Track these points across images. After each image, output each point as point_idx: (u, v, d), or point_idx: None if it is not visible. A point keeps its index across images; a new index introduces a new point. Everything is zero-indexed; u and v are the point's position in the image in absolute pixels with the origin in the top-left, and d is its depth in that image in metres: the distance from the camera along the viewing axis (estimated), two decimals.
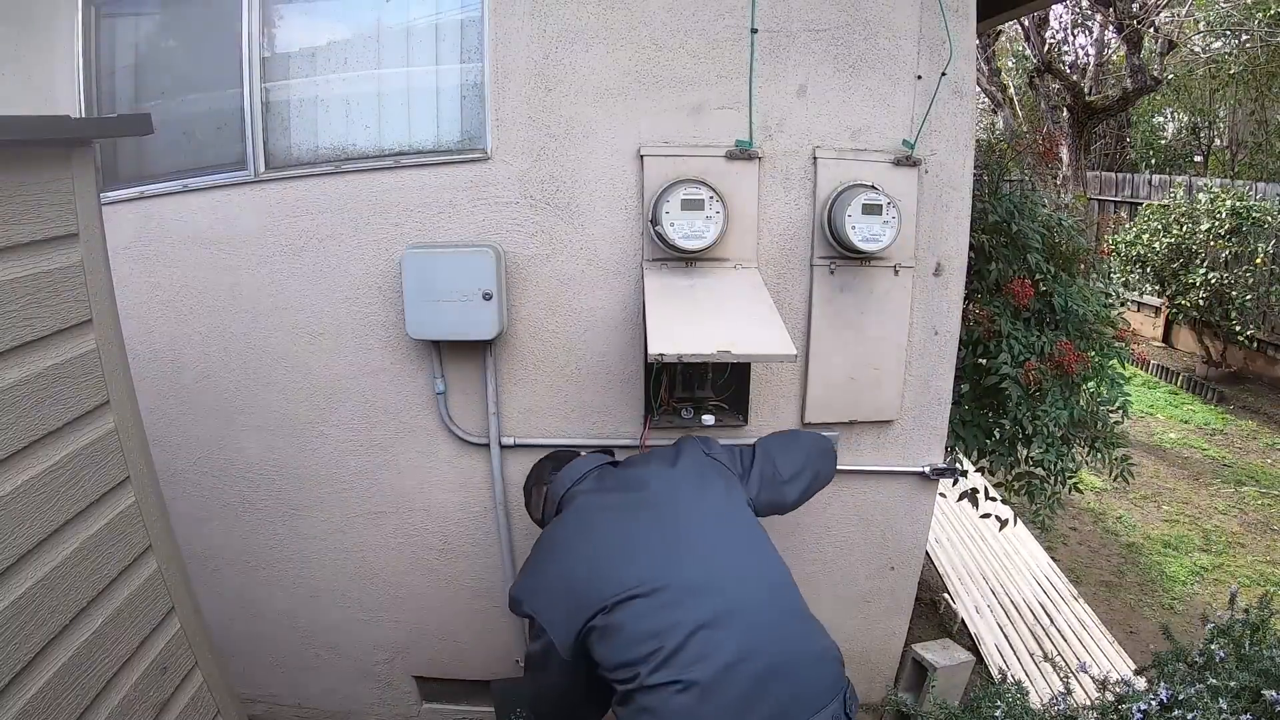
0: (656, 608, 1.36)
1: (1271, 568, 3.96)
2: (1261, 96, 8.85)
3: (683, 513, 1.53)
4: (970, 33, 2.03)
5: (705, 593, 1.38)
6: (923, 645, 2.74)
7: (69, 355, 1.28)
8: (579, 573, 1.45)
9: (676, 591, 1.37)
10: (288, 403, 2.27)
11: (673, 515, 1.52)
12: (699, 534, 1.50)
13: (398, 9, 2.07)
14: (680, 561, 1.43)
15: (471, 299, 2.02)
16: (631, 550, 1.45)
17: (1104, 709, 1.84)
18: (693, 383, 2.20)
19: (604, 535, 1.50)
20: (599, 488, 1.64)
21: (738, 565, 1.46)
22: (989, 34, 7.63)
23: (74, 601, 1.28)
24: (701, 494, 1.59)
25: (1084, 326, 2.37)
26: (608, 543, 1.48)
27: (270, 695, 2.65)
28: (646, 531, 1.49)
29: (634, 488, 1.61)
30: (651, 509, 1.54)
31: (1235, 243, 5.98)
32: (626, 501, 1.57)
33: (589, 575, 1.44)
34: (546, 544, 1.58)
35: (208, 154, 2.17)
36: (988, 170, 2.56)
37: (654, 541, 1.47)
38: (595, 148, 2.04)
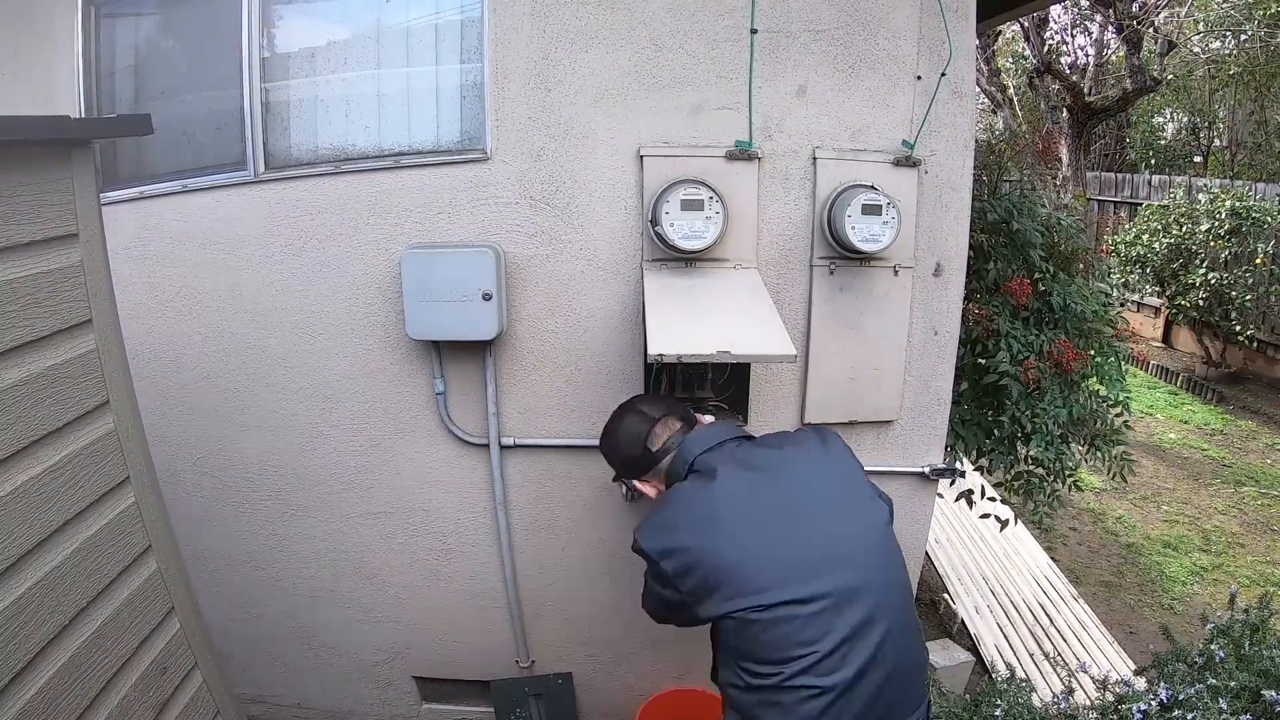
0: (814, 614, 1.34)
1: (1271, 568, 3.96)
2: (1261, 97, 8.86)
3: (839, 512, 1.47)
4: (970, 33, 2.03)
5: (858, 600, 1.37)
6: None
7: (69, 355, 1.28)
8: (728, 555, 1.38)
9: (835, 599, 1.36)
10: (288, 403, 2.27)
11: (829, 513, 1.45)
12: (851, 534, 1.44)
13: (397, 9, 2.07)
14: (835, 568, 1.38)
15: (471, 299, 2.02)
16: (792, 549, 1.39)
17: (1104, 709, 1.84)
18: (692, 383, 2.20)
19: (758, 524, 1.41)
20: (742, 464, 1.50)
21: (883, 569, 1.44)
22: (989, 34, 7.64)
23: (74, 601, 1.28)
24: (848, 491, 1.52)
25: (1083, 325, 2.37)
26: (764, 534, 1.40)
27: (270, 695, 2.65)
28: (806, 530, 1.41)
29: (783, 477, 1.49)
30: (803, 505, 1.45)
31: (1235, 243, 5.99)
32: (779, 493, 1.46)
33: (740, 561, 1.37)
34: (684, 505, 1.48)
35: (208, 154, 2.17)
36: (987, 170, 2.56)
37: (813, 542, 1.40)
38: (595, 148, 2.04)
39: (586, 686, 2.56)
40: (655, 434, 1.60)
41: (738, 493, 1.43)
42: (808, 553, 1.38)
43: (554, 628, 2.47)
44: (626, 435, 1.63)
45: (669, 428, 1.61)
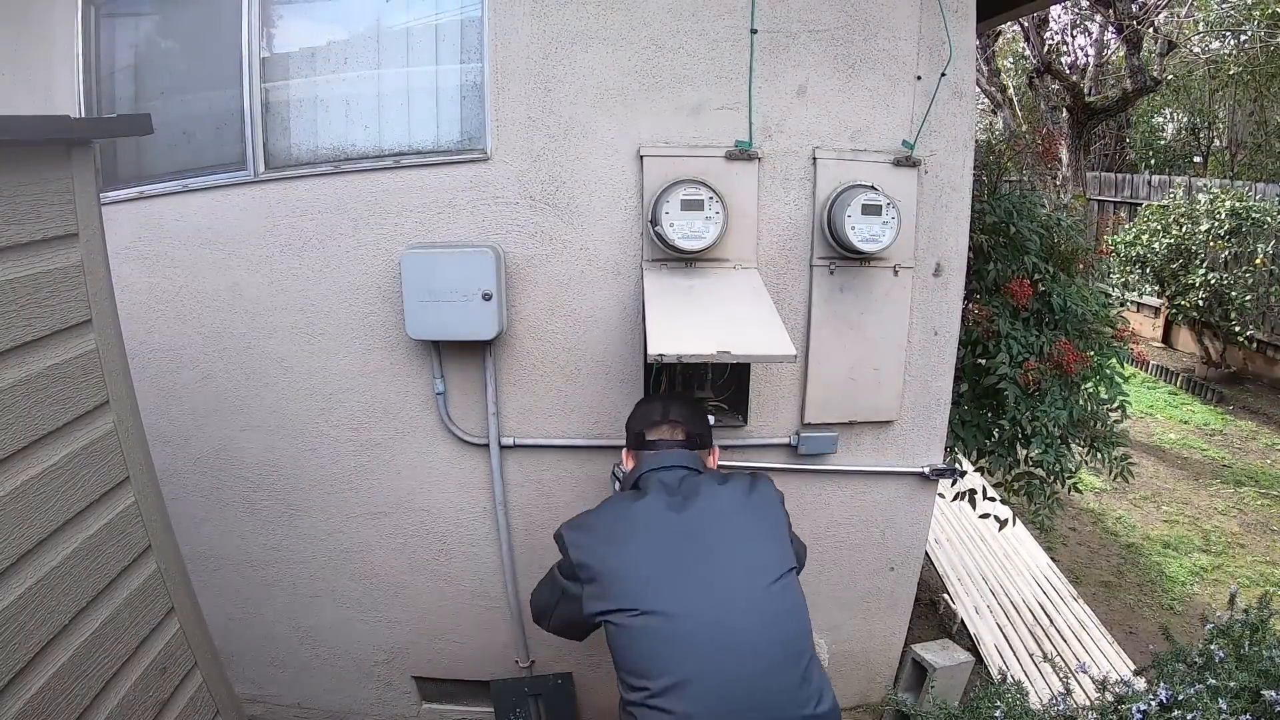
0: (678, 636, 1.39)
1: (1271, 568, 3.96)
2: (1261, 97, 8.86)
3: (730, 554, 1.49)
4: (970, 33, 2.03)
5: (722, 639, 1.40)
6: (922, 645, 2.74)
7: (69, 355, 1.28)
8: (622, 561, 1.47)
9: (699, 630, 1.40)
10: (288, 403, 2.27)
11: (721, 552, 1.49)
12: (733, 576, 1.46)
13: (397, 9, 2.07)
14: (707, 602, 1.43)
15: (471, 299, 2.02)
16: (673, 572, 1.45)
17: (1103, 709, 1.84)
18: (692, 383, 2.20)
19: (655, 543, 1.49)
20: (668, 490, 1.58)
21: (761, 619, 1.43)
22: (989, 34, 7.64)
23: (74, 601, 1.28)
24: (748, 537, 1.54)
25: (1083, 326, 2.37)
26: (655, 553, 1.47)
27: (270, 695, 2.65)
28: (691, 560, 1.47)
29: (693, 506, 1.55)
30: (699, 538, 1.50)
31: (1235, 243, 5.99)
32: (683, 522, 1.52)
33: (628, 569, 1.46)
34: (609, 513, 1.58)
35: (208, 154, 2.17)
36: (987, 170, 2.56)
37: (696, 572, 1.45)
38: (595, 148, 2.04)
39: (586, 686, 2.56)
40: (657, 428, 1.68)
41: (652, 512, 1.52)
42: (686, 580, 1.44)
43: None
44: (643, 412, 1.73)
45: (668, 434, 1.67)
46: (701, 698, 1.36)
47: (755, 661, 1.38)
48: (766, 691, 1.38)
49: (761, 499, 1.57)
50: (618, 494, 1.69)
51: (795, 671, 1.40)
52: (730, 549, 1.48)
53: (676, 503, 1.54)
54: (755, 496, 1.57)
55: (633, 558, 1.47)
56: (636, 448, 1.69)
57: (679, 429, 1.68)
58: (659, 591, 1.42)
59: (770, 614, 1.43)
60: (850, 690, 2.63)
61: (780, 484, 2.29)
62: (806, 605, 1.50)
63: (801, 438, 2.24)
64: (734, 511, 1.54)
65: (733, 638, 1.39)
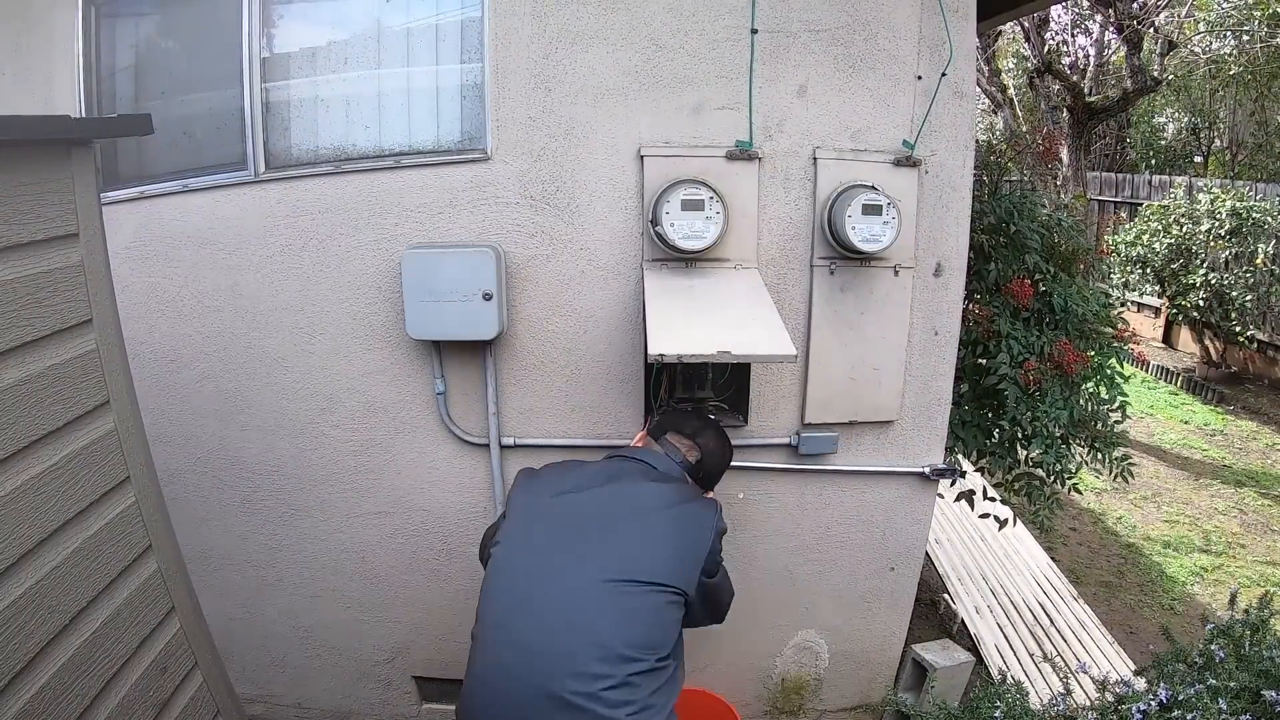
0: (508, 588, 1.50)
1: (1271, 568, 3.96)
2: (1261, 97, 8.85)
3: (615, 543, 1.50)
4: (970, 33, 2.03)
5: (516, 640, 1.44)
6: (923, 645, 2.74)
7: (69, 355, 1.28)
8: (514, 513, 1.61)
9: (529, 587, 1.47)
10: (288, 403, 2.27)
11: (606, 539, 1.50)
12: (599, 563, 1.47)
13: (398, 9, 2.07)
14: (558, 567, 1.47)
15: (471, 299, 2.02)
16: (551, 531, 1.54)
17: (1104, 709, 1.84)
18: (693, 383, 2.20)
19: (557, 507, 1.58)
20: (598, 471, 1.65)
21: (562, 634, 1.41)
22: (989, 34, 7.63)
23: (74, 601, 1.28)
24: (650, 539, 1.52)
25: (1083, 326, 2.37)
26: (549, 513, 1.57)
27: (270, 695, 2.65)
28: (575, 529, 1.53)
29: (615, 491, 1.59)
30: (596, 518, 1.54)
31: (1235, 243, 5.99)
32: (596, 499, 1.58)
33: (519, 521, 1.58)
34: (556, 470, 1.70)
35: (208, 154, 2.17)
36: (987, 170, 2.56)
37: (565, 539, 1.51)
38: (595, 148, 2.04)
39: None
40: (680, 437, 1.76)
41: (580, 478, 1.64)
42: (554, 543, 1.51)
43: None
44: (681, 419, 1.83)
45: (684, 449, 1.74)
46: (495, 646, 1.44)
47: (555, 637, 1.39)
48: (551, 664, 1.37)
49: (688, 516, 1.55)
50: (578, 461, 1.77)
51: (603, 666, 1.35)
52: (612, 536, 1.50)
53: (609, 477, 1.62)
54: (683, 509, 1.56)
55: (527, 509, 1.59)
56: (653, 435, 1.77)
57: (695, 452, 1.74)
58: (525, 544, 1.52)
59: (607, 607, 1.41)
60: (850, 690, 2.63)
61: (781, 484, 2.31)
62: (670, 628, 1.46)
63: (802, 438, 2.23)
64: (646, 510, 1.54)
65: (551, 607, 1.42)
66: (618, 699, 1.33)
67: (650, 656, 1.39)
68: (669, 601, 1.46)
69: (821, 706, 2.63)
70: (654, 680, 1.39)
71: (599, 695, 1.33)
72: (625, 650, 1.37)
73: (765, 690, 2.59)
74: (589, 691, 1.33)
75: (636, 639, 1.39)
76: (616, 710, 1.32)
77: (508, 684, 1.40)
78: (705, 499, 1.64)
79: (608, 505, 1.55)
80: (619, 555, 1.46)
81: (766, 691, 2.59)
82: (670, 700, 1.42)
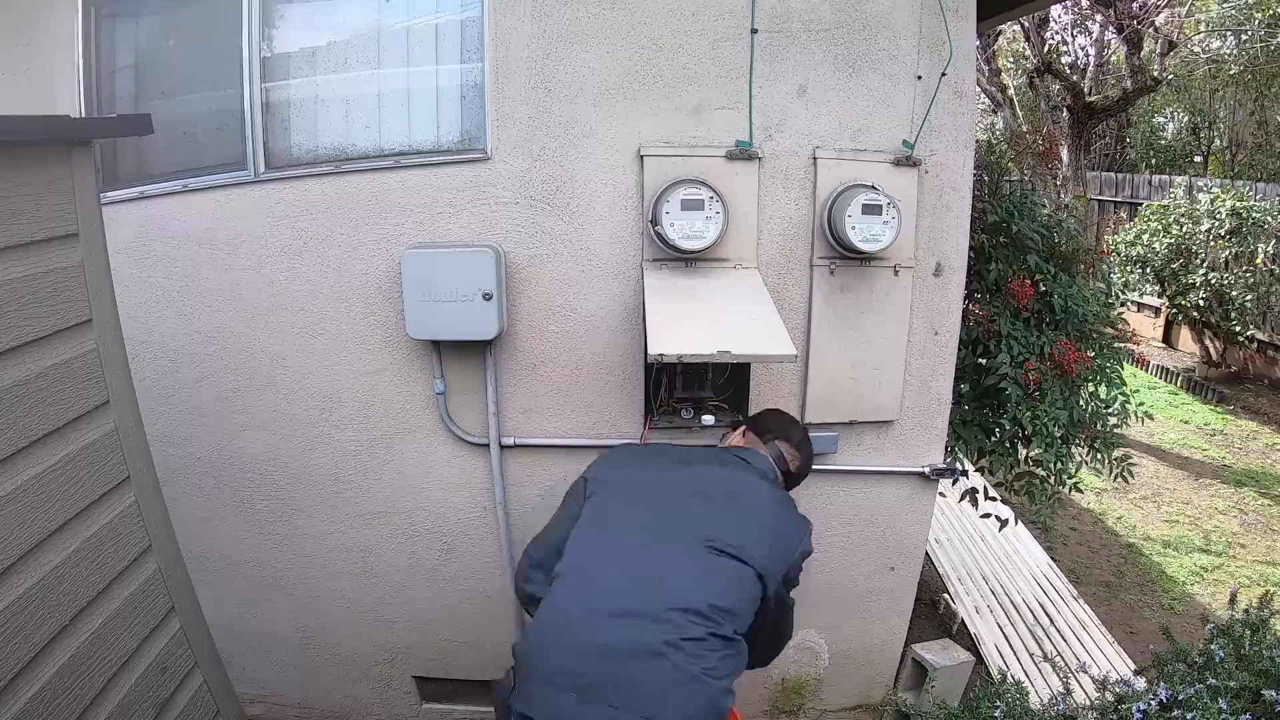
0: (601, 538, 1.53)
1: (1271, 568, 3.96)
2: (1261, 97, 8.84)
3: (708, 518, 1.53)
4: (970, 33, 2.03)
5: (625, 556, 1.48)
6: (923, 645, 2.74)
7: (69, 355, 1.28)
8: (620, 476, 1.68)
9: (616, 543, 1.51)
10: (288, 403, 2.27)
11: (699, 513, 1.54)
12: (690, 529, 1.51)
13: (398, 9, 2.07)
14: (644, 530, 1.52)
15: (471, 299, 2.02)
16: (649, 493, 1.60)
17: (1104, 709, 1.84)
18: (693, 383, 2.20)
19: (658, 476, 1.65)
20: (716, 458, 1.72)
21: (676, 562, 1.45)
22: (989, 34, 7.63)
23: (74, 601, 1.28)
24: (744, 524, 1.54)
25: (1084, 327, 2.37)
26: (650, 480, 1.64)
27: (270, 695, 2.65)
28: (670, 497, 1.58)
29: (720, 475, 1.65)
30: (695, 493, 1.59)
31: (1235, 243, 5.98)
32: (699, 475, 1.64)
33: (619, 482, 1.65)
34: (652, 448, 1.86)
35: (208, 154, 2.17)
36: (988, 170, 2.56)
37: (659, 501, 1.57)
38: (595, 148, 2.04)
39: None
40: (788, 444, 1.79)
41: (673, 456, 1.72)
42: (634, 510, 1.57)
43: None
44: (790, 424, 1.85)
45: (788, 455, 1.78)
46: (581, 582, 1.45)
47: (645, 584, 1.41)
48: (637, 605, 1.38)
49: (788, 519, 1.62)
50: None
51: (687, 619, 1.36)
52: (719, 509, 1.54)
53: (718, 462, 1.68)
54: (785, 510, 1.62)
55: (633, 469, 1.67)
56: (759, 436, 1.79)
57: (797, 461, 1.78)
58: (630, 495, 1.58)
59: (704, 568, 1.44)
60: (850, 690, 2.63)
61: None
62: (749, 607, 1.47)
63: None
64: (752, 498, 1.59)
65: (647, 554, 1.46)
66: (695, 652, 1.35)
67: (730, 625, 1.42)
68: (755, 584, 1.48)
69: (821, 706, 2.63)
70: (728, 648, 1.41)
71: (679, 644, 1.34)
72: (710, 611, 1.39)
73: (765, 690, 2.59)
74: (670, 639, 1.34)
75: (723, 604, 1.42)
76: (693, 662, 1.34)
77: (587, 619, 1.39)
78: (802, 516, 1.67)
79: (716, 484, 1.61)
80: (724, 527, 1.50)
81: (766, 691, 2.59)
82: (734, 675, 1.44)
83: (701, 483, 1.60)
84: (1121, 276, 6.66)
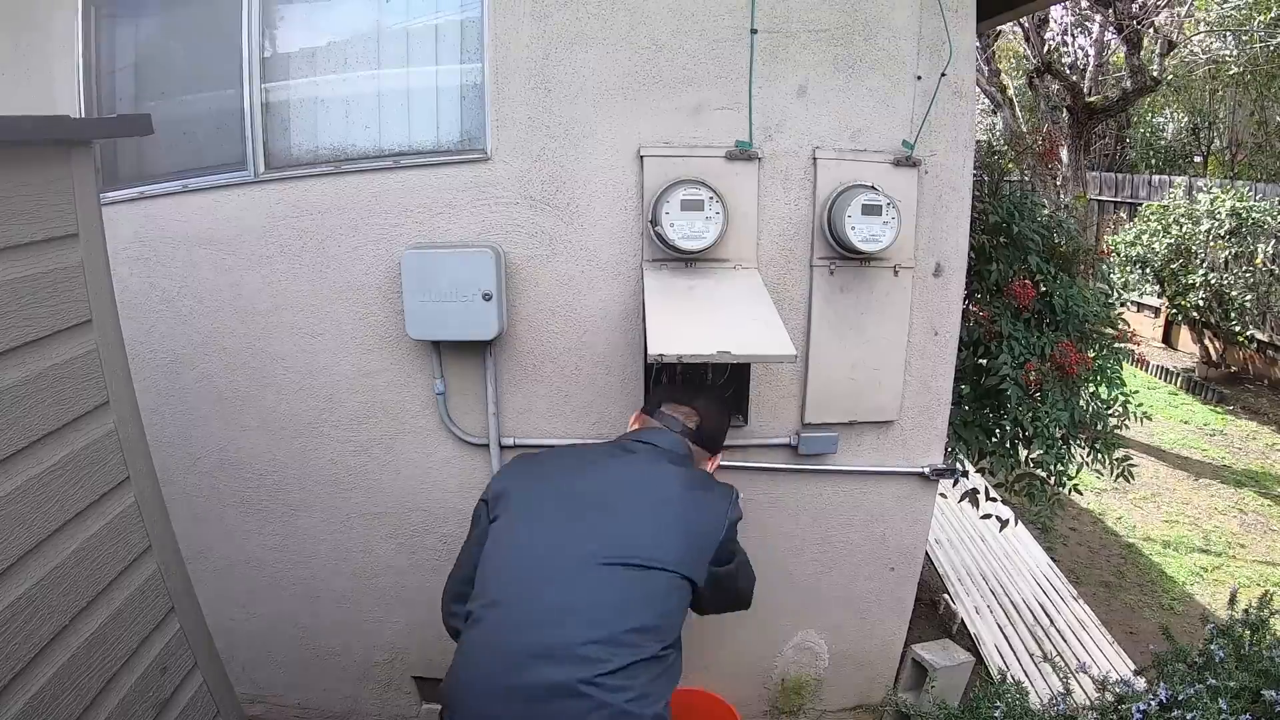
0: (510, 561, 1.46)
1: (1271, 567, 3.96)
2: (1261, 97, 8.84)
3: (618, 523, 1.47)
4: (970, 33, 2.03)
5: (538, 579, 1.42)
6: (923, 646, 2.73)
7: (69, 355, 1.28)
8: (521, 490, 1.57)
9: (529, 563, 1.44)
10: (288, 403, 2.27)
11: (611, 517, 1.47)
12: (600, 542, 1.43)
13: (397, 9, 2.07)
14: (558, 544, 1.45)
15: (471, 299, 2.02)
16: (554, 508, 1.50)
17: (1104, 709, 1.84)
18: (693, 383, 2.20)
19: (560, 482, 1.56)
20: (617, 450, 1.63)
21: (590, 585, 1.39)
22: (989, 34, 7.63)
23: (74, 601, 1.28)
24: (657, 521, 1.48)
25: (1084, 327, 2.37)
26: (552, 490, 1.55)
27: (270, 695, 2.65)
28: (576, 507, 1.50)
29: (621, 468, 1.57)
30: (602, 496, 1.51)
31: (1235, 243, 5.98)
32: (602, 475, 1.57)
33: (520, 499, 1.54)
34: (552, 455, 1.70)
35: (208, 154, 2.17)
36: (988, 171, 2.56)
37: (564, 516, 1.48)
38: (595, 148, 2.04)
39: None
40: (676, 407, 1.71)
41: (580, 457, 1.66)
42: (555, 518, 1.48)
43: None
44: (671, 390, 1.79)
45: (681, 416, 1.70)
46: (490, 623, 1.39)
47: (553, 617, 1.35)
48: (549, 646, 1.33)
49: (699, 503, 1.51)
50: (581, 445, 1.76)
51: (603, 650, 1.31)
52: (618, 517, 1.46)
53: (613, 458, 1.59)
54: (693, 496, 1.52)
55: (528, 486, 1.56)
56: (646, 413, 1.73)
57: (694, 418, 1.69)
58: (526, 520, 1.48)
59: (609, 590, 1.38)
60: (850, 690, 2.63)
61: (781, 484, 2.31)
62: (673, 615, 1.42)
63: (802, 438, 2.23)
64: (654, 493, 1.51)
65: (551, 586, 1.39)
66: (616, 684, 1.30)
67: (652, 643, 1.36)
68: (674, 587, 1.42)
69: (821, 706, 2.63)
70: (654, 668, 1.36)
71: (596, 681, 1.29)
72: (625, 636, 1.34)
73: (765, 690, 2.59)
74: (586, 677, 1.29)
75: (644, 623, 1.36)
76: (615, 695, 1.29)
77: (501, 662, 1.35)
78: (721, 486, 1.59)
79: (613, 486, 1.52)
80: (623, 536, 1.43)
81: (766, 691, 2.59)
82: (668, 690, 1.40)
83: (602, 488, 1.52)
84: (1121, 277, 6.66)
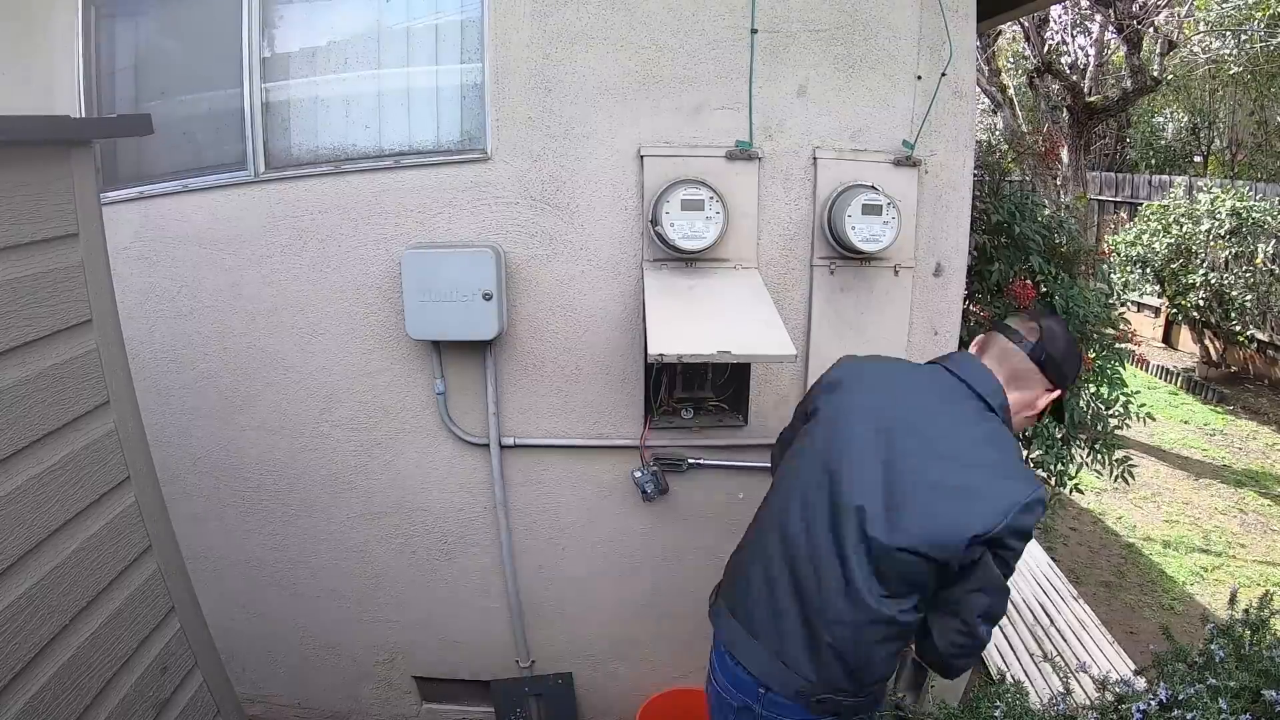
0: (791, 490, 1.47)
1: (1271, 567, 3.96)
2: (1261, 97, 8.84)
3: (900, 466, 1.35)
4: (970, 33, 2.03)
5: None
6: None
7: (69, 355, 1.28)
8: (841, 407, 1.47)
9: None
10: (288, 403, 2.27)
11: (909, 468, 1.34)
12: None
13: (397, 9, 2.07)
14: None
15: (471, 299, 2.02)
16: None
17: (1104, 709, 1.84)
18: (693, 383, 2.20)
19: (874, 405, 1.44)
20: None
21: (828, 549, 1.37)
22: (989, 34, 7.63)
23: (74, 601, 1.28)
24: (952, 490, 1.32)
25: (1085, 327, 2.37)
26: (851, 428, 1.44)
27: (270, 695, 2.65)
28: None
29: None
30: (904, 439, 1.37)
31: (1235, 243, 5.98)
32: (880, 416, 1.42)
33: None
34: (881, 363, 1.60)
35: (208, 154, 2.17)
36: (988, 171, 2.56)
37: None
38: (595, 148, 2.04)
39: (586, 686, 2.56)
40: (1019, 317, 1.51)
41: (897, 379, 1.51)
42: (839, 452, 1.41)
43: (554, 628, 2.47)
44: None
45: (1023, 329, 1.45)
46: (769, 545, 1.46)
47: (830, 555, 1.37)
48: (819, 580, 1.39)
49: (979, 493, 1.30)
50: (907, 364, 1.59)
51: (873, 584, 1.34)
52: (909, 453, 1.35)
53: (928, 391, 1.42)
54: (980, 474, 1.32)
55: (842, 422, 1.44)
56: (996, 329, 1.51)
57: (1035, 333, 1.40)
58: (819, 459, 1.42)
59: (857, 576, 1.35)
60: None
61: None
62: (920, 583, 1.35)
63: None
64: (946, 460, 1.33)
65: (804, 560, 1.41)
66: (892, 606, 1.37)
67: (911, 596, 1.38)
68: (924, 570, 1.34)
69: None
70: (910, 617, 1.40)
71: (880, 595, 1.36)
72: (885, 592, 1.36)
73: None
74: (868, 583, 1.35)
75: (892, 590, 1.37)
76: (885, 605, 1.36)
77: (800, 537, 1.41)
78: (1026, 476, 1.33)
79: (918, 454, 1.35)
80: (911, 524, 1.31)
81: None
82: (904, 643, 1.51)
83: (906, 447, 1.35)
84: (1121, 277, 6.66)
